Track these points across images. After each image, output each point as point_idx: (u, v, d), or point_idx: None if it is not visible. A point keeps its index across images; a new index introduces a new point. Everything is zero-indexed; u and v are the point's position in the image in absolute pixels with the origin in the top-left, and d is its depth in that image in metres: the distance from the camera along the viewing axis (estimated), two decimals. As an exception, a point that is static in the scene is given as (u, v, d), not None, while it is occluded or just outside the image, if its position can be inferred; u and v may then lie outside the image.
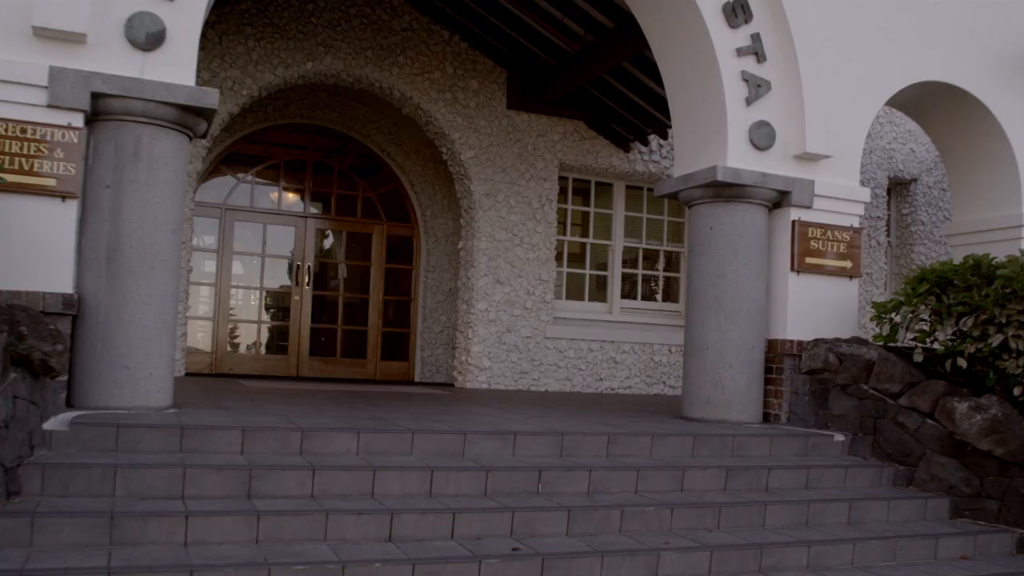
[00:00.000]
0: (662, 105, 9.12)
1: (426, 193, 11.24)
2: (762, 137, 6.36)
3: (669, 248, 11.07)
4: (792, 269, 6.41)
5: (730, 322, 6.22)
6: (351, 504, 4.00)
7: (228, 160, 10.65)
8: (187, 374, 9.47)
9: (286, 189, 10.96)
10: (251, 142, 10.75)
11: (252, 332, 10.76)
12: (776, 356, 6.36)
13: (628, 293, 10.83)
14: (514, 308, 9.72)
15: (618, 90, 9.46)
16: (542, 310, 9.84)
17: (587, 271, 10.65)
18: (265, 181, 10.86)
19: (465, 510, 4.07)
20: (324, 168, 11.11)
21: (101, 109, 4.90)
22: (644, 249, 10.97)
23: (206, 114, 5.18)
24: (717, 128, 6.36)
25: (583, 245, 10.76)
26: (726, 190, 6.27)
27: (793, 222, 6.43)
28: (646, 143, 10.28)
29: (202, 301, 10.59)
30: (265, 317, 10.87)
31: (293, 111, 10.77)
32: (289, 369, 10.77)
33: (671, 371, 10.43)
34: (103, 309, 4.83)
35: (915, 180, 11.87)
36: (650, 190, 10.94)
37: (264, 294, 10.89)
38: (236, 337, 10.69)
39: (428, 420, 5.30)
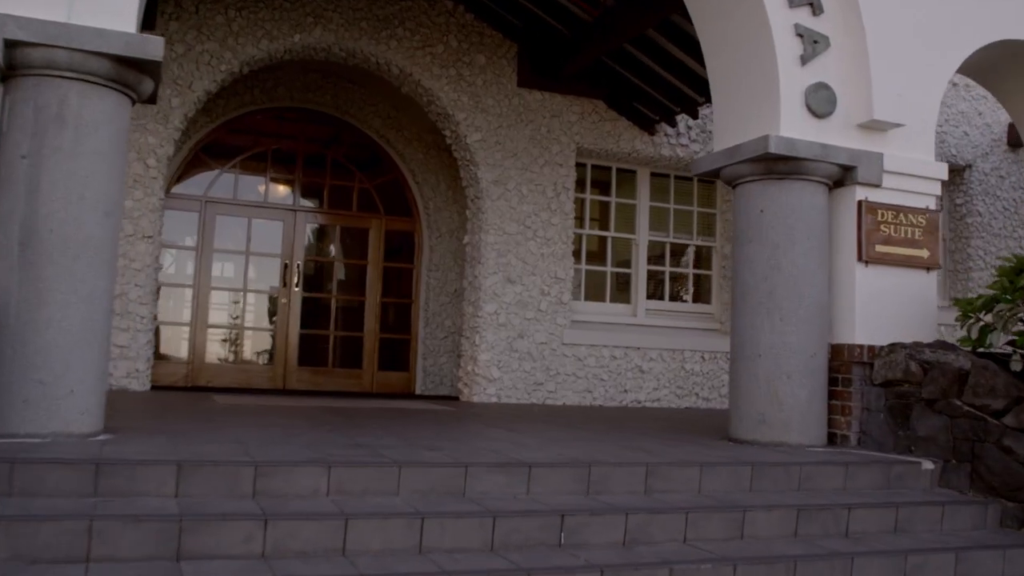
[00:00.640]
0: (692, 80, 8.19)
1: (429, 183, 10.33)
2: (820, 102, 5.42)
3: (700, 243, 10.12)
4: (859, 259, 5.46)
5: (787, 323, 5.27)
6: (314, 568, 3.06)
7: (209, 149, 9.75)
8: (155, 387, 8.57)
9: (274, 180, 10.07)
10: (235, 130, 9.86)
11: (233, 339, 9.86)
12: (842, 364, 5.41)
13: (654, 293, 9.88)
14: (527, 310, 8.79)
15: (642, 63, 8.52)
16: (559, 312, 8.91)
17: (608, 268, 9.71)
18: (251, 172, 9.96)
19: (465, 573, 3.14)
20: (316, 157, 10.21)
21: (18, 61, 4.05)
22: (671, 244, 10.01)
23: (150, 69, 4.29)
24: (767, 92, 5.41)
25: (603, 240, 9.82)
26: (779, 164, 5.32)
27: (859, 203, 5.48)
28: (673, 124, 9.33)
29: (177, 305, 9.69)
30: (249, 322, 9.96)
31: (282, 94, 9.87)
32: (275, 381, 9.86)
33: (704, 381, 9.47)
34: (14, 308, 3.94)
35: (969, 167, 10.88)
36: (679, 178, 9.99)
37: (248, 296, 9.99)
38: (216, 345, 9.79)
39: (422, 446, 4.37)
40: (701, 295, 10.18)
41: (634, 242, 9.78)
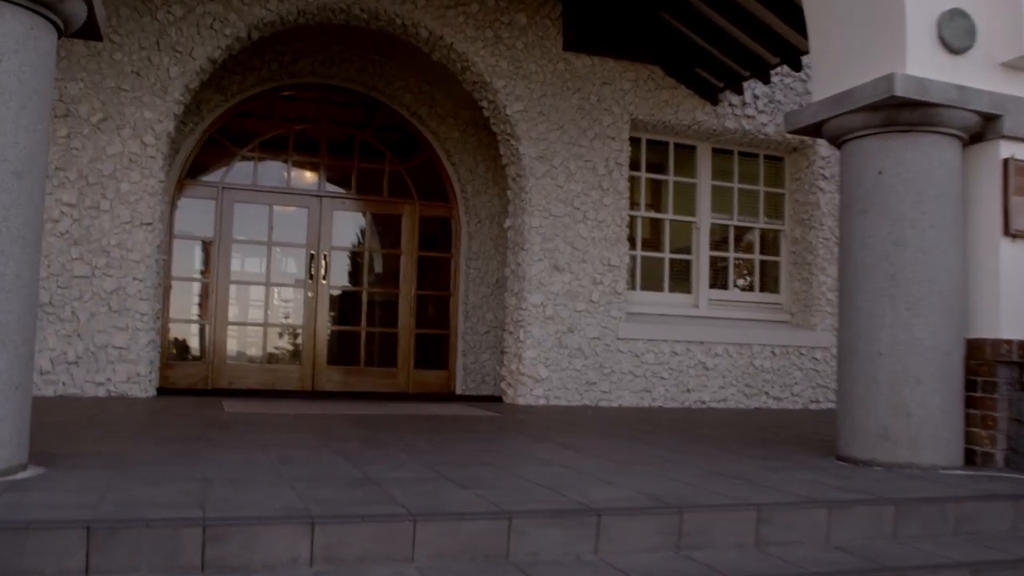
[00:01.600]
0: (765, 36, 6.92)
1: (466, 164, 9.17)
2: (957, 33, 4.14)
3: (766, 226, 8.83)
4: (1005, 233, 4.20)
5: (915, 313, 4.01)
6: None
7: (226, 132, 8.69)
8: (168, 391, 7.53)
9: (297, 164, 8.98)
10: (253, 110, 8.79)
11: (257, 337, 8.80)
12: (983, 364, 4.14)
13: (716, 282, 8.62)
14: (577, 301, 7.58)
15: (705, 20, 7.26)
16: (612, 304, 7.69)
17: (666, 255, 8.46)
18: (272, 155, 8.88)
19: None
20: (342, 138, 9.10)
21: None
22: (736, 227, 8.74)
23: (74, -17, 3.15)
24: (888, 21, 4.15)
25: (658, 223, 8.58)
26: (904, 113, 4.06)
27: (1004, 161, 4.21)
28: (740, 92, 8.05)
29: (193, 300, 8.65)
30: (273, 318, 8.89)
31: (303, 68, 8.78)
32: (303, 381, 8.77)
33: (775, 378, 8.19)
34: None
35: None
36: (743, 154, 8.71)
37: (271, 291, 8.92)
38: (237, 344, 8.73)
39: (451, 479, 3.20)
40: (767, 283, 8.90)
41: (695, 225, 8.52)
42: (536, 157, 7.57)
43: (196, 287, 8.64)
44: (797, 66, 7.14)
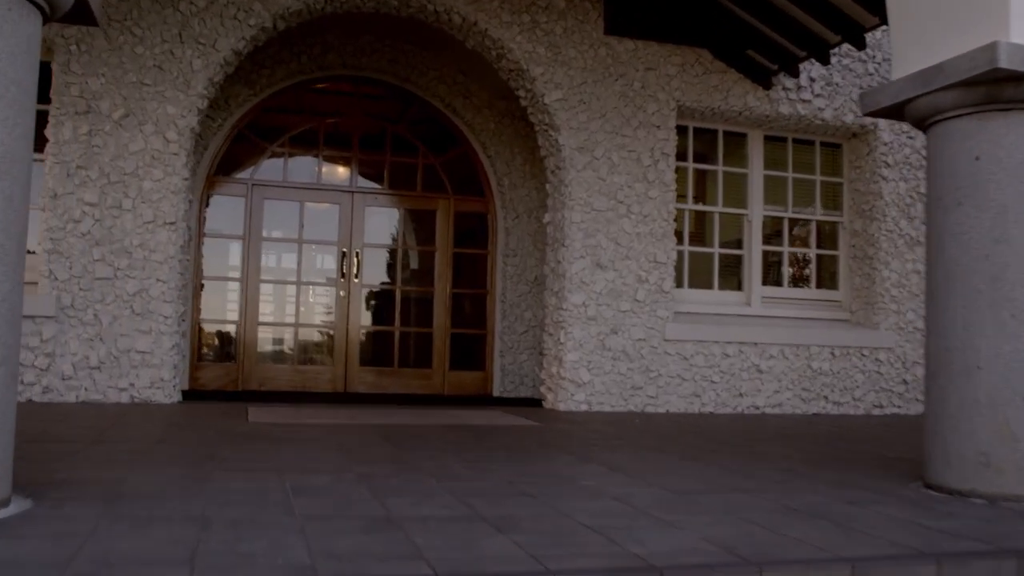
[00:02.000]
0: (823, 13, 6.32)
1: (502, 157, 8.68)
2: (1066, -4, 3.54)
3: (824, 217, 8.23)
4: (1122, 226, 3.58)
5: (1021, 321, 3.44)
6: None
7: (255, 127, 8.30)
8: (196, 393, 7.16)
9: (328, 159, 8.57)
10: (283, 105, 8.40)
11: (288, 337, 8.40)
12: (1097, 379, 3.55)
13: (769, 278, 8.04)
14: (621, 301, 7.06)
15: (758, -2, 6.69)
16: (659, 303, 7.16)
17: (715, 250, 7.90)
18: (302, 150, 8.47)
19: None
20: (374, 131, 8.67)
21: None
22: (790, 219, 8.15)
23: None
24: (983, -16, 3.57)
25: (706, 216, 8.02)
26: (1008, 89, 3.49)
27: (1121, 145, 3.59)
28: (795, 74, 7.46)
29: (223, 300, 8.28)
30: (304, 318, 8.49)
31: (333, 60, 8.35)
32: (335, 383, 8.37)
33: (834, 382, 7.60)
34: None
35: None
36: (798, 142, 8.11)
37: (302, 289, 8.51)
38: (268, 344, 8.35)
39: (483, 518, 2.71)
40: (824, 280, 8.30)
41: (746, 218, 7.95)
42: (576, 148, 7.05)
43: (226, 287, 8.26)
44: (860, 44, 6.53)
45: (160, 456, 3.81)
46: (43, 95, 6.23)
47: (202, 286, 8.00)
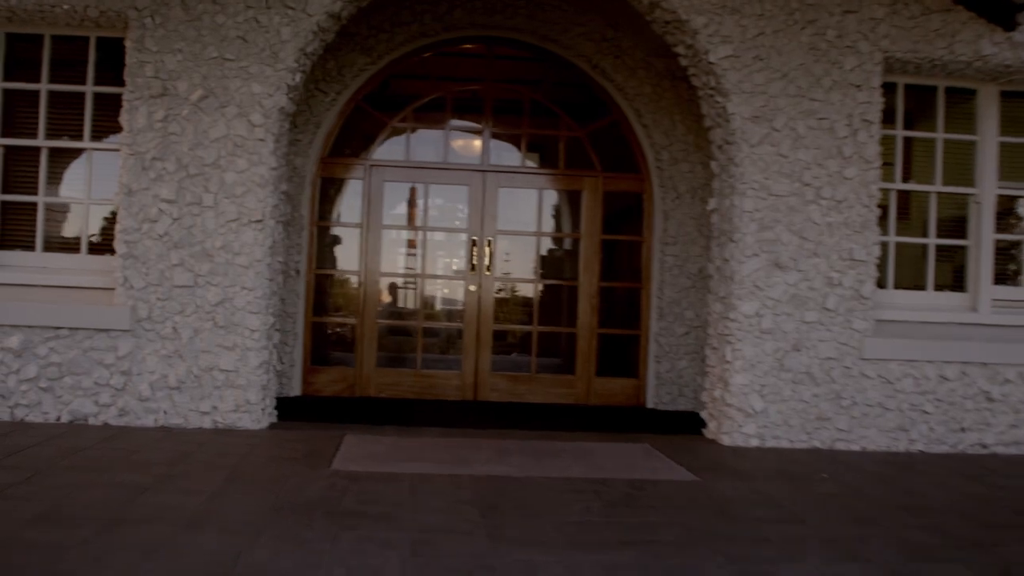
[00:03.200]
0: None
1: (660, 127, 7.50)
2: None
3: (1077, 197, 6.56)
4: None
5: None
6: None
7: (374, 99, 7.52)
8: (300, 400, 6.49)
9: (456, 132, 7.69)
10: (404, 75, 7.58)
11: (410, 338, 7.63)
12: None
13: (1003, 276, 6.49)
14: (806, 310, 5.78)
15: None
16: (855, 312, 5.82)
17: (931, 240, 6.43)
18: (426, 124, 7.64)
19: None
20: (509, 100, 7.71)
21: None
22: (1031, 200, 6.54)
23: None
24: None
25: (921, 198, 6.54)
26: None
27: None
28: (1047, 10, 5.85)
29: (337, 296, 7.60)
30: (428, 316, 7.68)
31: (460, 19, 7.42)
32: (463, 390, 7.53)
33: (1092, 414, 6.02)
34: None
35: None
36: (1044, 98, 6.46)
37: (427, 284, 7.70)
38: (387, 345, 7.60)
39: None
40: (1077, 276, 6.64)
41: (973, 199, 6.41)
42: (750, 118, 5.78)
43: (340, 281, 7.58)
44: None
45: (176, 550, 3.01)
46: (117, 76, 5.62)
47: (312, 282, 7.33)
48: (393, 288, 7.75)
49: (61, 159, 5.90)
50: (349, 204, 7.56)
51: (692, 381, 7.46)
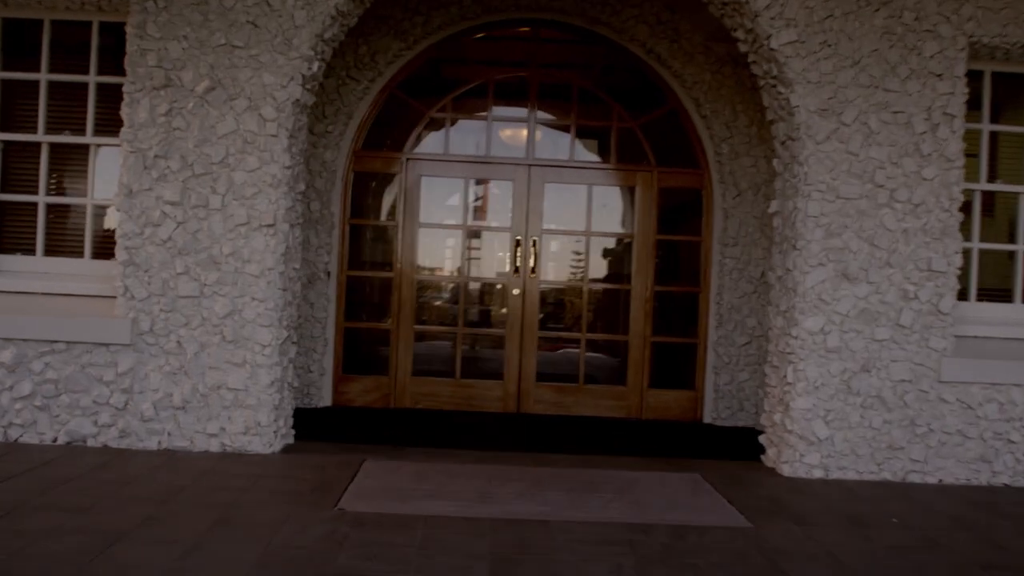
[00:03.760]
0: None
1: (721, 117, 7.04)
2: None
3: None
4: None
5: None
6: None
7: (410, 86, 7.21)
8: (330, 411, 6.25)
9: (499, 123, 7.31)
10: (442, 61, 7.26)
11: (449, 345, 7.31)
12: None
13: (1104, 285, 5.89)
14: (877, 326, 5.29)
15: None
16: (933, 329, 5.31)
17: (1020, 246, 5.87)
18: (467, 114, 7.30)
19: None
20: (556, 87, 7.32)
21: None
22: None
23: None
24: None
25: (1009, 200, 5.97)
26: None
27: None
28: None
29: (372, 300, 7.33)
30: (468, 321, 7.36)
31: (502, 0, 7.02)
32: (506, 401, 7.21)
33: None
34: None
35: None
36: None
37: (468, 287, 7.38)
38: (424, 352, 7.30)
39: None
40: None
41: (1072, 201, 5.82)
42: (817, 111, 5.29)
43: (375, 284, 7.30)
44: None
45: None
46: (117, 65, 5.38)
47: (344, 283, 7.07)
48: (431, 291, 7.44)
49: (64, 156, 5.67)
50: (384, 201, 7.28)
51: (753, 395, 7.02)
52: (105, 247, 5.59)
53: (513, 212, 7.23)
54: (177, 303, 5.12)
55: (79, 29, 5.55)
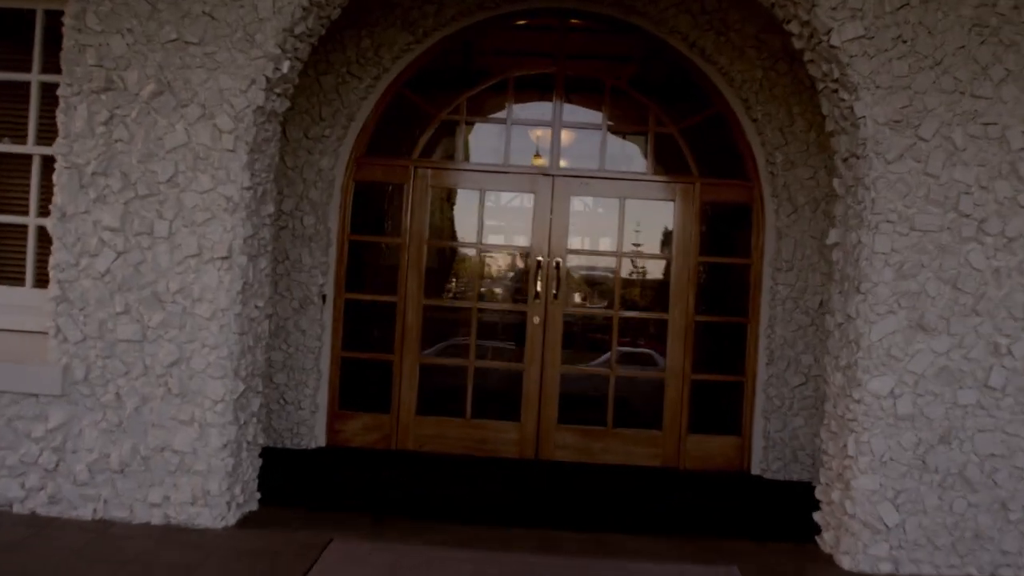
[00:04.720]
0: None
1: (775, 121, 6.18)
2: None
3: None
4: None
5: None
6: None
7: (418, 85, 6.49)
8: (325, 451, 5.57)
9: (520, 126, 6.60)
10: (455, 55, 6.53)
11: (459, 380, 6.58)
12: None
13: None
14: (960, 388, 4.41)
15: None
16: (1029, 393, 4.42)
17: None
18: (482, 116, 6.60)
19: None
20: (586, 86, 6.54)
21: None
22: None
23: None
24: None
25: None
26: None
27: None
28: None
29: (372, 327, 6.64)
30: (481, 353, 6.62)
31: (525, -16, 6.27)
32: (522, 446, 6.47)
33: None
34: None
35: None
36: None
37: (480, 314, 6.62)
38: (430, 389, 6.58)
39: None
40: None
41: None
42: (887, 123, 4.41)
43: (377, 308, 6.59)
44: None
45: None
46: (53, 61, 4.69)
47: (342, 307, 6.40)
48: (439, 317, 6.71)
49: (2, 167, 5.02)
50: (389, 214, 6.58)
51: (809, 443, 6.16)
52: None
53: (534, 229, 6.47)
54: (116, 348, 4.44)
55: (24, 17, 4.89)
